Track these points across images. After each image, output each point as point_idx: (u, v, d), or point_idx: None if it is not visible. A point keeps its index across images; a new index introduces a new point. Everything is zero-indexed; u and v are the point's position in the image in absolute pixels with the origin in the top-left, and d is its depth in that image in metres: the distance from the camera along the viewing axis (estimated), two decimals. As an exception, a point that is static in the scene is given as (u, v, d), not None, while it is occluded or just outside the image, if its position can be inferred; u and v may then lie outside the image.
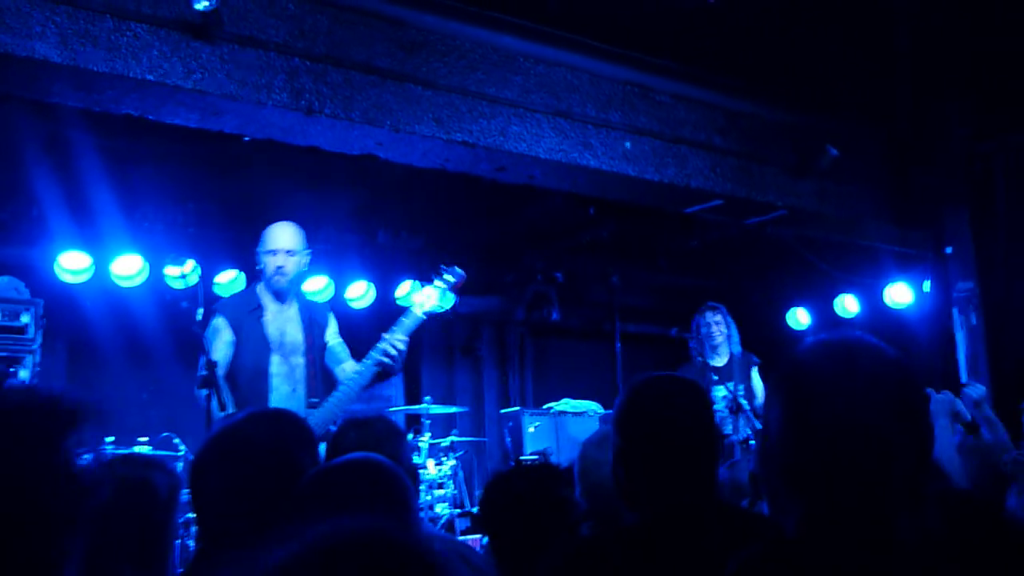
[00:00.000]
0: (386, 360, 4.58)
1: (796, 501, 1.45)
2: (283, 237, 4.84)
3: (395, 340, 4.60)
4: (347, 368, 4.85)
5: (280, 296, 4.85)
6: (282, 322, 4.81)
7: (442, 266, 4.94)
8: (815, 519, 1.42)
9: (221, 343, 4.68)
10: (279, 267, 4.79)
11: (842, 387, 1.43)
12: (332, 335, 4.97)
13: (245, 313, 4.77)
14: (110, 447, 6.30)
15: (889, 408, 1.42)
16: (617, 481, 2.18)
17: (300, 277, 5.02)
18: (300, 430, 2.32)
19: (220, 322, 4.73)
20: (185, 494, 6.13)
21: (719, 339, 6.86)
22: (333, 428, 4.19)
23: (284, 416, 2.45)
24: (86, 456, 1.75)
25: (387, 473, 2.10)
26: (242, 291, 5.16)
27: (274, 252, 4.80)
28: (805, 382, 1.47)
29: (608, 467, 2.31)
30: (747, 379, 6.86)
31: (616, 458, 2.18)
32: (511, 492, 2.67)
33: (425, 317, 4.74)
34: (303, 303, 5.00)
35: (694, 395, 2.26)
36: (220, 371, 4.52)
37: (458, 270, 4.93)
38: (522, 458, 7.34)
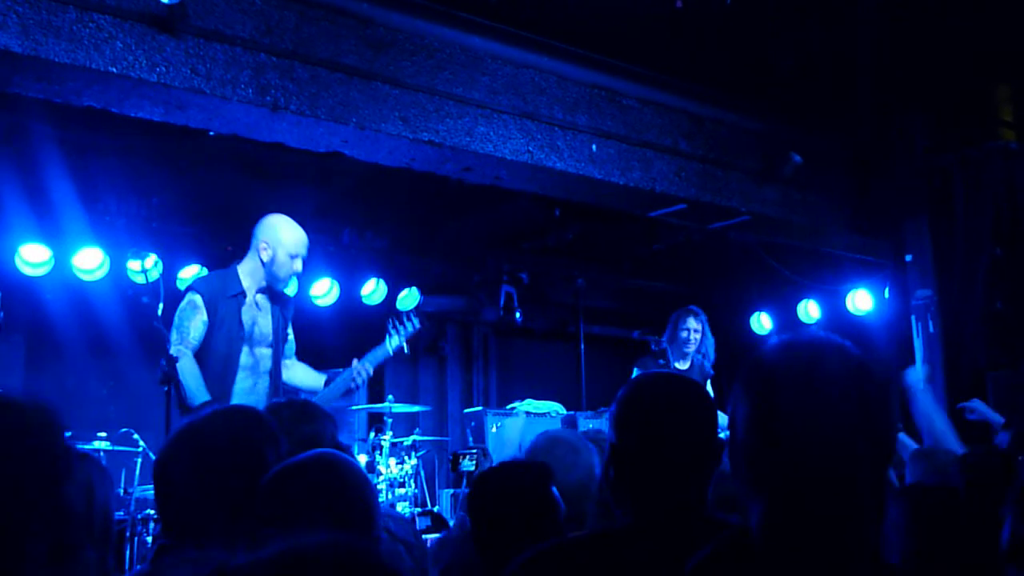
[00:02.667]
0: (355, 384, 5.02)
1: (758, 501, 1.45)
2: (306, 244, 4.89)
3: (365, 368, 5.02)
4: (288, 364, 4.99)
5: (273, 292, 4.86)
6: (255, 312, 4.78)
7: (404, 316, 5.33)
8: (777, 519, 1.43)
9: (197, 322, 4.63)
10: (296, 272, 4.87)
11: (807, 387, 1.43)
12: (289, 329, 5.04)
13: (225, 297, 4.70)
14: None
15: (853, 409, 1.43)
16: (606, 479, 2.08)
17: None
18: (264, 426, 2.33)
19: (196, 299, 4.66)
20: (143, 490, 6.09)
21: (692, 347, 6.86)
22: None
23: (248, 412, 2.46)
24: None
25: (347, 470, 2.12)
26: (221, 271, 5.01)
27: (297, 256, 4.82)
28: (770, 381, 1.47)
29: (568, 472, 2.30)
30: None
31: (609, 455, 2.07)
32: (501, 487, 2.63)
33: (392, 354, 5.19)
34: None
35: (698, 399, 2.12)
36: (191, 350, 4.56)
37: (417, 322, 5.33)
38: (460, 450, 7.34)
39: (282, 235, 4.79)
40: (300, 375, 5.03)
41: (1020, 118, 7.11)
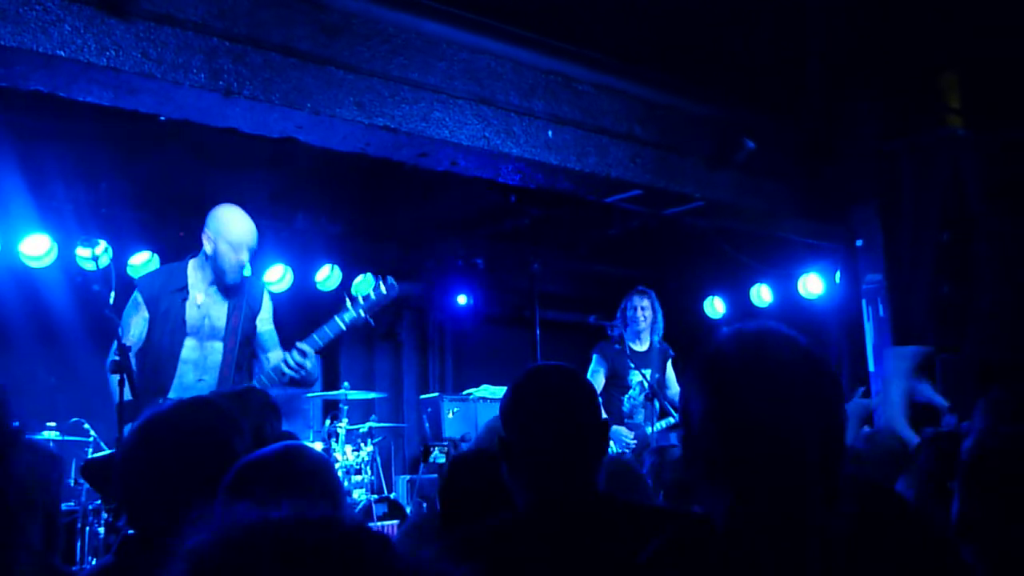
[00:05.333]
0: (287, 375, 4.53)
1: (720, 492, 1.48)
2: (251, 234, 4.68)
3: (294, 357, 4.53)
4: (272, 358, 4.75)
5: (225, 287, 4.67)
6: (207, 305, 4.65)
7: (376, 277, 4.91)
8: (742, 509, 1.45)
9: (138, 319, 4.55)
10: (242, 265, 4.64)
11: (763, 381, 1.46)
12: (264, 321, 4.82)
13: (167, 292, 4.60)
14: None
15: (805, 399, 1.45)
16: (503, 471, 2.22)
17: None
18: (228, 417, 2.32)
19: (137, 297, 4.60)
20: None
21: (643, 324, 6.90)
22: None
23: (212, 404, 2.44)
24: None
25: (312, 460, 2.11)
26: (169, 266, 4.91)
27: (239, 247, 4.63)
28: (723, 374, 1.50)
29: None
30: (662, 370, 6.95)
31: (499, 450, 2.21)
32: (473, 474, 2.80)
33: (345, 328, 4.68)
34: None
35: (576, 387, 2.27)
36: (133, 348, 4.42)
37: (395, 285, 4.84)
38: (431, 443, 7.33)
39: (224, 226, 4.65)
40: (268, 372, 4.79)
41: (968, 105, 7.22)
